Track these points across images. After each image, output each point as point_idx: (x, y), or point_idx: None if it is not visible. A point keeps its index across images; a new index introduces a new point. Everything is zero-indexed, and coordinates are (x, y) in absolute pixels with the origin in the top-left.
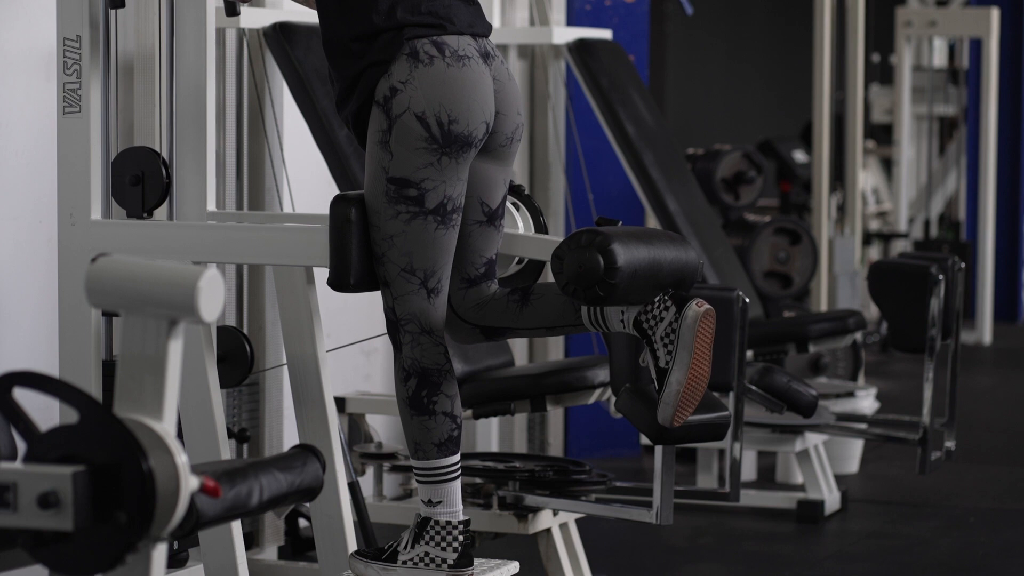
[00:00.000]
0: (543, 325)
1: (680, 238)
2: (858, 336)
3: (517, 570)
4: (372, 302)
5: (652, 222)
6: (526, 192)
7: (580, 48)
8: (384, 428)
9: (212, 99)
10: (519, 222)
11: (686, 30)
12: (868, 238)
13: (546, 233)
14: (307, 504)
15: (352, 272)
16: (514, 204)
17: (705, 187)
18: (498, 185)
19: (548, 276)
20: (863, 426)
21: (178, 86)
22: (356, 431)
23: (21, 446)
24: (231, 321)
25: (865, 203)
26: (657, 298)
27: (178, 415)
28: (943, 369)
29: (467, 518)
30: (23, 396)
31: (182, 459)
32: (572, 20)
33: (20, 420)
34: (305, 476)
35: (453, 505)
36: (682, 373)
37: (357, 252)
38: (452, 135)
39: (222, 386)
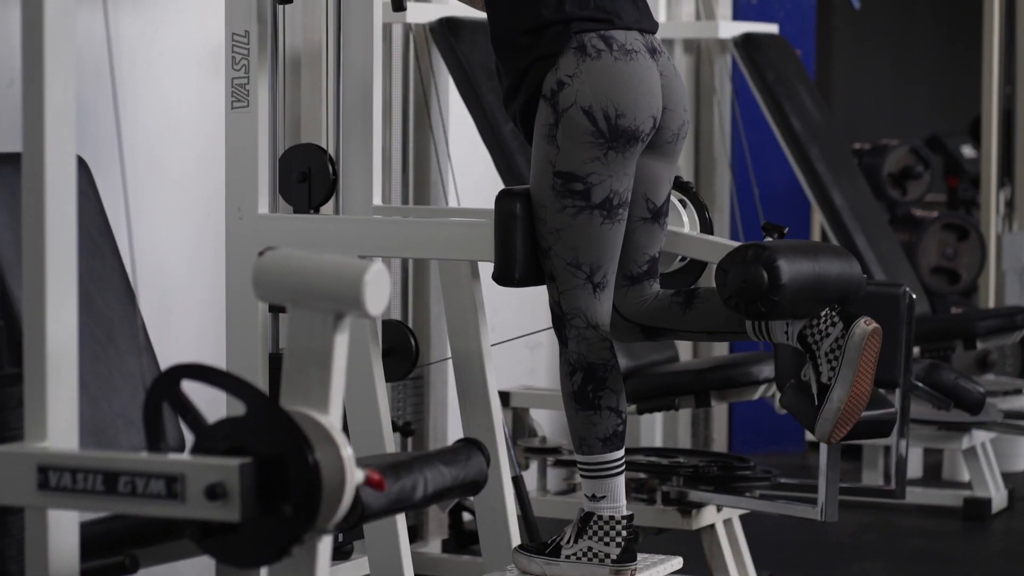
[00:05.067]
0: (705, 330)
1: (845, 252)
2: None
3: (680, 566)
4: (536, 296)
5: (818, 217)
6: (692, 188)
7: (746, 43)
8: (548, 423)
9: (378, 94)
10: (684, 218)
11: (854, 24)
12: None
13: (711, 230)
14: (471, 498)
15: (517, 267)
16: (680, 200)
17: (872, 182)
18: (663, 182)
19: (710, 278)
20: None
21: (345, 81)
22: (520, 425)
23: (189, 438)
24: (396, 315)
25: None
26: (824, 312)
27: (344, 408)
28: None
29: (631, 513)
30: (191, 388)
31: (347, 452)
32: (738, 15)
33: (188, 412)
34: (469, 470)
35: (617, 500)
36: (844, 390)
37: (522, 247)
38: (619, 129)
39: (387, 380)
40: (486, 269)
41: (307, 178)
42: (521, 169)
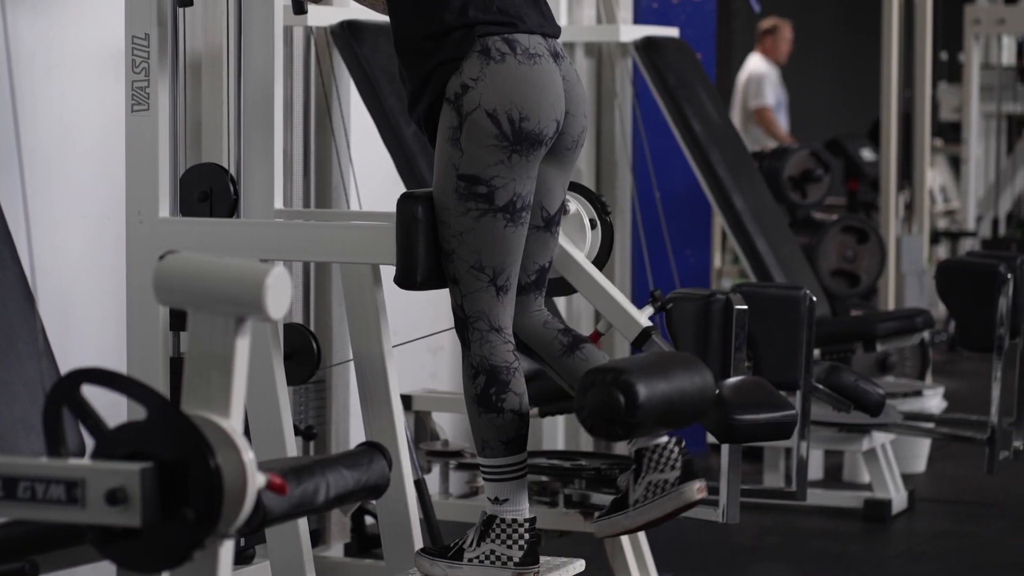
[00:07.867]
0: (571, 384)
1: (697, 363)
2: (926, 335)
3: (583, 568)
4: (438, 299)
5: (718, 220)
6: (610, 214)
7: (647, 46)
8: (450, 426)
9: (279, 97)
10: (587, 240)
11: (754, 27)
12: (936, 236)
13: (608, 254)
14: (373, 501)
15: (419, 270)
16: (591, 220)
17: (772, 185)
18: (558, 190)
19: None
20: (930, 425)
21: (246, 84)
22: (422, 429)
23: (89, 443)
24: (298, 318)
25: (933, 201)
26: (670, 444)
27: (245, 412)
28: (1011, 368)
29: (533, 516)
30: (91, 393)
31: (249, 456)
32: (639, 18)
33: (88, 417)
34: (371, 474)
35: (519, 503)
36: (640, 521)
37: (424, 250)
38: (523, 132)
39: (289, 383)
40: (388, 272)
41: (208, 197)
42: (422, 172)
